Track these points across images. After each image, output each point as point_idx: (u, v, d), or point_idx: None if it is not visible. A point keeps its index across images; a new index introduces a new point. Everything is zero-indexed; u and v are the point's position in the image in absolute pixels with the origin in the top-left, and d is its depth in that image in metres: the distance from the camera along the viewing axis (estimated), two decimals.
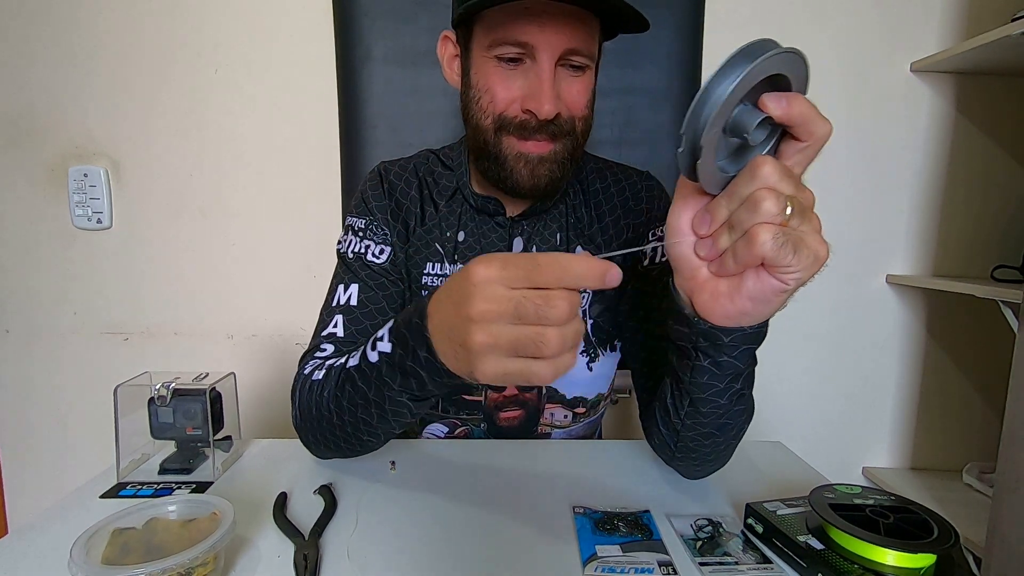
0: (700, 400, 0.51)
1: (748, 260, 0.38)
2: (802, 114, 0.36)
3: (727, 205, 0.39)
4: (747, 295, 0.40)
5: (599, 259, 0.36)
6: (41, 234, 1.33)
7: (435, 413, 0.76)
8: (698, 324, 0.45)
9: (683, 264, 0.43)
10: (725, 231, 0.39)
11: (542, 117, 0.60)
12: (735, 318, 0.42)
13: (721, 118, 0.35)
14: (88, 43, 1.27)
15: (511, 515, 0.56)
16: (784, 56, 0.34)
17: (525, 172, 0.64)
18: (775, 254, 0.36)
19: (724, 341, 0.45)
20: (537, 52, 0.59)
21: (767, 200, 0.36)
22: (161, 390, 0.61)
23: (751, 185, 0.37)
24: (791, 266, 0.37)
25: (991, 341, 1.35)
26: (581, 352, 0.74)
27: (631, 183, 0.76)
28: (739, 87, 0.33)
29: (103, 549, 0.43)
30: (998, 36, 1.04)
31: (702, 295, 0.43)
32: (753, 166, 0.37)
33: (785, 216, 0.36)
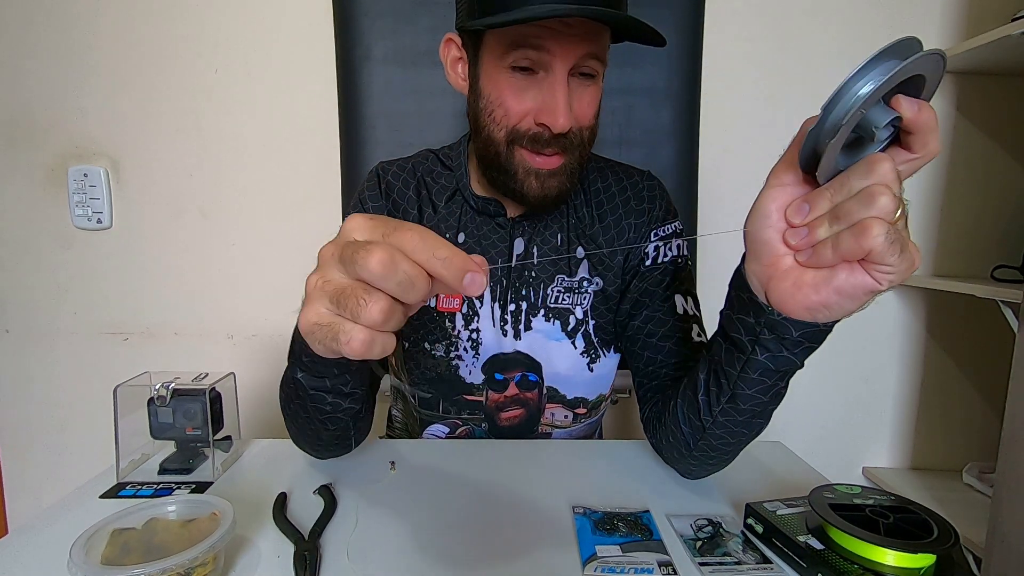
0: (743, 396, 0.50)
1: (853, 251, 0.37)
2: (928, 123, 0.36)
3: (831, 197, 0.38)
4: (835, 288, 0.39)
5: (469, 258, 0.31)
6: (41, 234, 1.33)
7: (436, 414, 0.76)
8: (769, 314, 0.44)
9: (765, 250, 0.42)
10: (824, 222, 0.39)
11: (556, 131, 0.60)
12: (814, 311, 0.41)
13: (861, 112, 0.34)
14: (88, 43, 1.27)
15: (511, 515, 0.56)
16: (930, 58, 0.34)
17: (536, 185, 0.64)
18: (884, 249, 0.35)
19: (792, 335, 0.44)
20: (552, 63, 0.59)
21: (885, 196, 0.35)
22: (161, 390, 0.61)
23: (867, 180, 0.36)
24: (892, 266, 0.36)
25: (991, 341, 1.35)
26: (581, 353, 0.74)
27: (632, 182, 0.76)
28: (887, 83, 0.33)
29: (103, 549, 0.43)
30: (998, 36, 1.04)
31: (782, 283, 0.42)
32: (872, 161, 0.36)
33: (895, 218, 0.36)
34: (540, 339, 0.73)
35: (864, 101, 0.33)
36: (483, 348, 0.73)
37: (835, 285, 0.39)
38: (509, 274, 0.72)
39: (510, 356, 0.73)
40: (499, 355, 0.73)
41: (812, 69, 1.28)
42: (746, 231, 0.44)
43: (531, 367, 0.74)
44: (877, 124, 0.35)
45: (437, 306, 0.72)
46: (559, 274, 0.73)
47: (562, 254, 0.73)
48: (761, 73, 1.28)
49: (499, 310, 0.73)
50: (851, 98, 0.34)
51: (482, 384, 0.74)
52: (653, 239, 0.73)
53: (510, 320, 0.73)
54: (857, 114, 0.34)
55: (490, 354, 0.73)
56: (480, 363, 0.73)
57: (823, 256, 0.39)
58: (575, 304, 0.73)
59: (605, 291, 0.74)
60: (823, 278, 0.40)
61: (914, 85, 0.36)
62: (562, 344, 0.73)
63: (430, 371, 0.73)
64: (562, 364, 0.74)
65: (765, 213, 0.42)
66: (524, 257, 0.72)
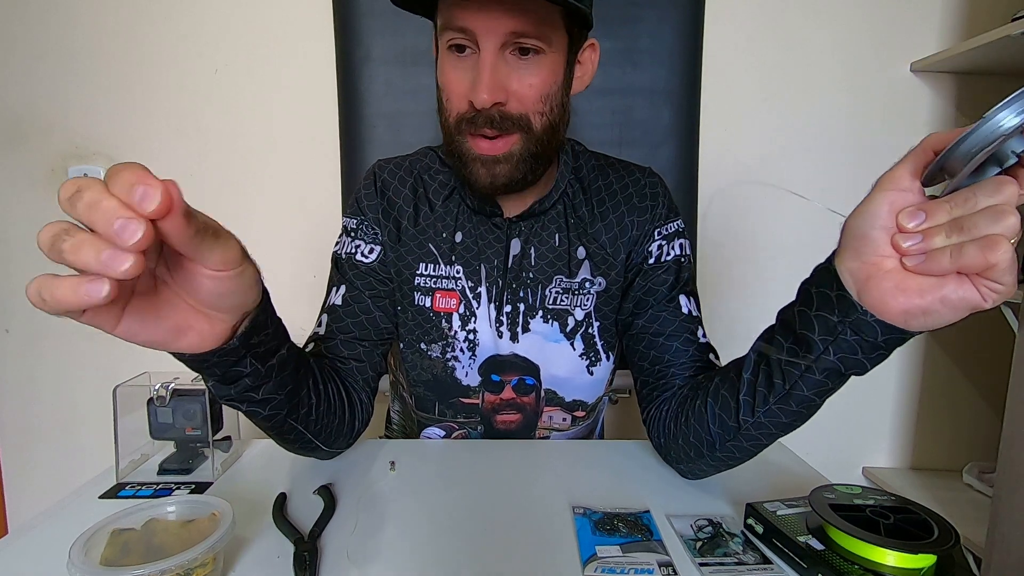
0: (798, 396, 0.49)
1: (976, 263, 0.37)
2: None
3: (951, 210, 0.39)
4: (941, 297, 0.39)
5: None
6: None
7: (432, 416, 0.75)
8: (860, 314, 0.43)
9: (868, 248, 0.42)
10: (942, 231, 0.39)
11: (478, 106, 0.59)
12: (912, 316, 0.41)
13: (1001, 143, 0.35)
14: (88, 43, 1.27)
15: (511, 515, 0.56)
16: None
17: (483, 172, 0.63)
18: (1005, 266, 0.36)
19: (875, 338, 0.43)
20: (479, 38, 0.58)
21: (1013, 216, 0.36)
22: (160, 390, 0.61)
23: (995, 198, 0.37)
24: (1004, 285, 0.37)
25: (991, 341, 1.35)
26: (580, 355, 0.74)
27: (634, 179, 0.75)
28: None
29: (102, 550, 0.43)
30: (998, 36, 1.04)
31: (883, 283, 0.42)
32: (1002, 182, 0.37)
33: (1016, 239, 0.36)
34: (538, 341, 0.72)
35: (1010, 131, 0.35)
36: (480, 349, 0.72)
37: (942, 294, 0.39)
38: (505, 275, 0.71)
39: (507, 358, 0.73)
40: (496, 357, 0.73)
41: (812, 69, 1.28)
42: (846, 224, 0.44)
43: (528, 370, 0.73)
44: (1013, 151, 0.37)
45: (433, 306, 0.71)
46: (557, 275, 0.72)
47: (561, 254, 0.72)
48: (761, 73, 1.28)
49: (495, 311, 0.72)
50: (995, 127, 0.35)
51: (478, 386, 0.73)
52: (656, 237, 0.73)
53: (506, 322, 0.72)
54: (1001, 142, 0.35)
55: (487, 355, 0.73)
56: (477, 364, 0.73)
57: (939, 263, 0.39)
58: (574, 305, 0.73)
59: (608, 291, 0.73)
60: (931, 285, 0.40)
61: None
62: (561, 346, 0.73)
63: (426, 372, 0.73)
64: (561, 366, 0.73)
65: (876, 212, 0.42)
66: (520, 258, 0.71)
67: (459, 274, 0.71)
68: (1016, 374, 0.92)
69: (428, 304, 0.71)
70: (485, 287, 0.71)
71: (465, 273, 0.71)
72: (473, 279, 0.71)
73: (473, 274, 0.71)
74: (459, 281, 0.71)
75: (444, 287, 0.71)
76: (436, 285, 0.71)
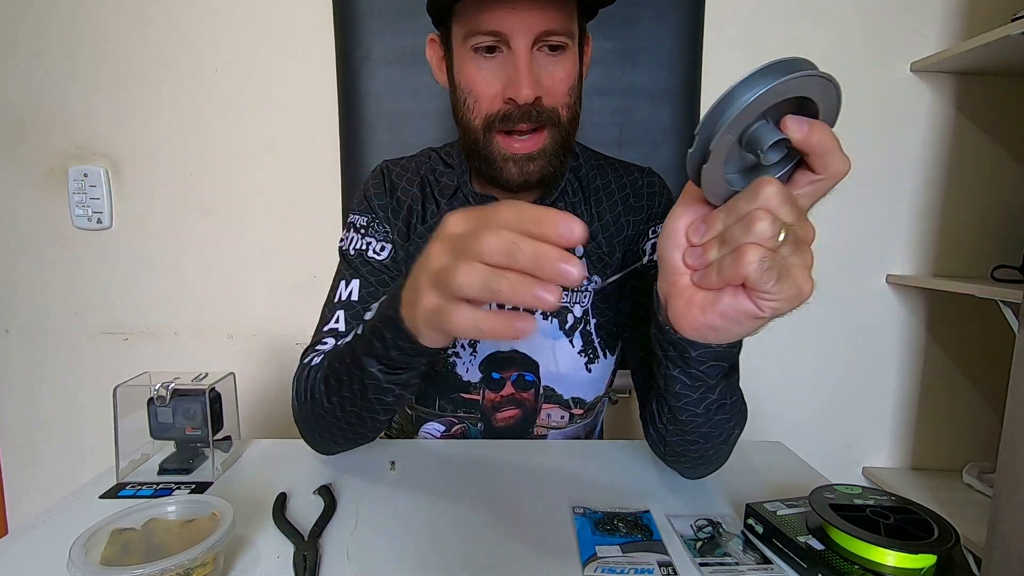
0: (677, 408, 0.51)
1: (731, 277, 0.37)
2: (822, 143, 0.35)
3: (724, 219, 0.38)
4: (719, 311, 0.39)
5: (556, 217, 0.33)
6: (41, 234, 1.33)
7: (432, 411, 0.76)
8: (668, 333, 0.45)
9: (668, 267, 0.43)
10: (716, 244, 0.39)
11: (521, 102, 0.60)
12: (702, 332, 0.42)
13: (737, 126, 0.34)
14: (88, 43, 1.27)
15: (511, 515, 0.56)
16: (815, 80, 0.33)
17: (515, 171, 0.65)
18: (758, 276, 0.35)
19: (691, 355, 0.45)
20: (511, 38, 0.59)
21: (763, 222, 0.35)
22: (161, 390, 0.61)
23: (751, 204, 0.36)
24: (770, 293, 0.36)
25: (991, 341, 1.35)
26: (579, 352, 0.74)
27: (632, 179, 0.76)
28: (761, 98, 0.32)
29: (102, 549, 0.43)
30: (998, 36, 1.04)
31: (677, 301, 0.42)
32: (756, 185, 0.36)
33: (777, 242, 0.35)
34: (538, 337, 0.73)
35: (738, 114, 0.32)
36: (481, 346, 0.73)
37: (719, 308, 0.39)
38: None
39: (507, 355, 0.73)
40: (496, 353, 0.73)
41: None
42: (657, 245, 0.44)
43: (528, 366, 0.74)
44: (762, 145, 0.34)
45: None
46: None
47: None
48: None
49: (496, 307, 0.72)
50: (722, 115, 0.33)
51: (479, 382, 0.74)
52: (651, 236, 0.73)
53: None
54: (733, 128, 0.33)
55: (487, 352, 0.73)
56: (478, 361, 0.73)
57: (709, 279, 0.39)
58: (573, 302, 0.73)
59: (604, 289, 0.74)
60: (710, 300, 0.40)
61: (808, 110, 0.35)
62: (560, 343, 0.73)
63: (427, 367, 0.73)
64: (560, 363, 0.74)
65: (672, 231, 0.42)
66: None
67: None
68: (1016, 374, 0.92)
69: None
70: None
71: None
72: None
73: None
74: None
75: None
76: None
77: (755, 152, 0.35)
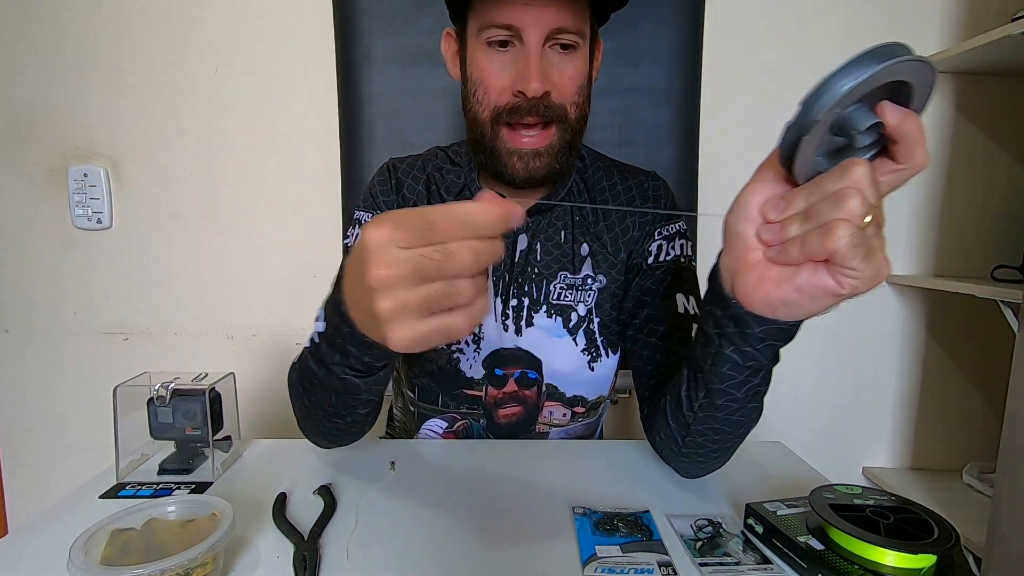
0: (717, 391, 0.50)
1: (817, 251, 0.37)
2: (913, 133, 0.35)
3: (807, 197, 0.38)
4: (796, 286, 0.39)
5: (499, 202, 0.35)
6: (41, 234, 1.33)
7: (435, 408, 0.76)
8: (734, 307, 0.44)
9: (738, 242, 0.43)
10: (797, 220, 0.39)
11: (530, 95, 0.61)
12: (774, 307, 0.42)
13: (836, 110, 0.34)
14: (88, 43, 1.27)
15: (511, 515, 0.56)
16: (915, 64, 0.33)
17: (520, 166, 0.65)
18: (846, 251, 0.35)
19: (753, 331, 0.44)
20: (524, 32, 0.60)
21: (854, 199, 0.35)
22: (160, 390, 0.61)
23: (840, 182, 0.36)
24: (855, 270, 0.36)
25: (991, 341, 1.35)
26: (582, 350, 0.74)
27: (638, 182, 0.77)
28: (864, 83, 0.33)
29: (102, 549, 0.43)
30: (998, 36, 1.04)
31: (748, 276, 0.42)
32: (848, 165, 0.36)
33: (864, 222, 0.36)
34: (541, 335, 0.73)
35: (841, 99, 0.33)
36: (485, 343, 0.73)
37: (797, 283, 0.39)
38: (512, 269, 0.73)
39: (510, 352, 0.74)
40: (500, 350, 0.74)
41: (812, 69, 1.26)
42: (725, 221, 0.44)
43: (531, 364, 0.74)
44: (858, 127, 0.35)
45: None
46: (562, 271, 0.74)
47: (565, 251, 0.74)
48: (761, 73, 1.28)
49: (501, 304, 0.73)
50: (829, 95, 0.34)
51: (482, 379, 0.74)
52: (657, 237, 0.74)
53: (512, 315, 0.73)
54: (833, 111, 0.34)
55: (491, 349, 0.73)
56: (481, 357, 0.74)
57: (790, 253, 0.39)
58: (577, 301, 0.74)
59: (609, 288, 0.74)
60: (786, 275, 0.40)
61: (903, 95, 0.35)
62: (563, 341, 0.74)
63: (431, 363, 0.74)
64: (562, 361, 0.74)
65: (744, 207, 0.42)
66: (528, 253, 0.73)
67: None
68: (1016, 374, 0.92)
69: None
70: (492, 281, 0.73)
71: None
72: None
73: None
74: None
75: None
76: None
77: (848, 135, 0.36)
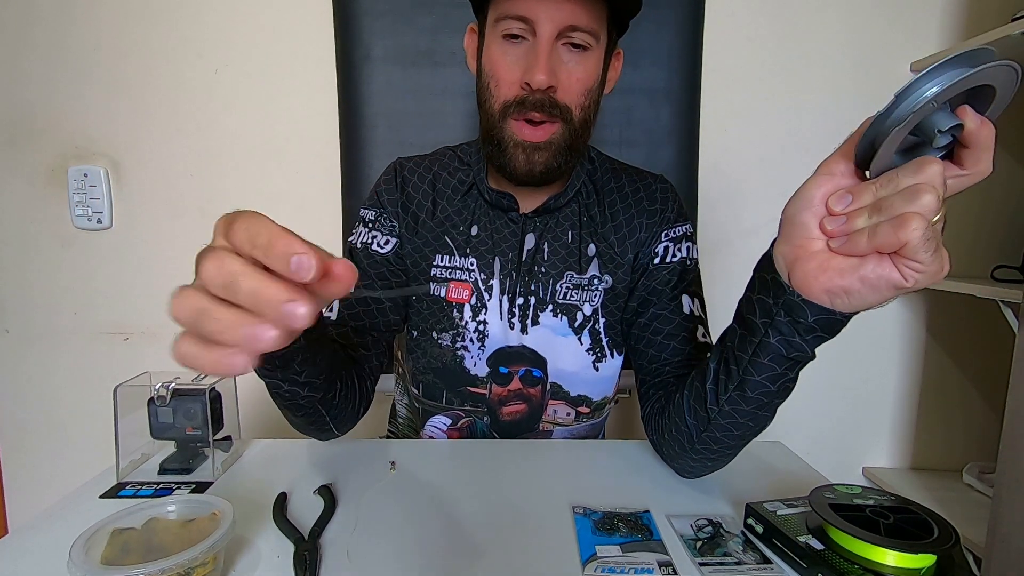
0: (751, 383, 0.50)
1: (888, 242, 0.37)
2: (987, 139, 0.36)
3: (876, 191, 0.39)
4: (861, 276, 0.40)
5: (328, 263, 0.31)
6: (41, 234, 1.33)
7: (439, 405, 0.76)
8: (789, 294, 0.44)
9: (798, 232, 0.43)
10: (864, 213, 0.39)
11: (535, 86, 0.62)
12: (834, 295, 0.42)
13: (930, 107, 0.35)
14: (88, 43, 1.27)
15: (511, 515, 0.56)
16: (1002, 68, 0.34)
17: (522, 158, 0.66)
18: (918, 243, 0.36)
19: (806, 320, 0.44)
20: (537, 26, 0.61)
21: (929, 195, 0.36)
22: (161, 390, 0.61)
23: (915, 178, 0.37)
24: (922, 263, 0.37)
25: (991, 341, 1.35)
26: (587, 350, 0.74)
27: (645, 184, 0.77)
28: (958, 85, 0.34)
29: (103, 549, 0.43)
30: (998, 36, 1.04)
31: (808, 264, 0.42)
32: (923, 162, 0.37)
33: (935, 219, 0.37)
34: (547, 334, 0.74)
35: (929, 101, 0.34)
36: (489, 340, 0.73)
37: (861, 273, 0.40)
38: (519, 268, 0.73)
39: (515, 350, 0.74)
40: (505, 348, 0.74)
41: (812, 69, 1.27)
42: (785, 211, 0.44)
43: (536, 362, 0.74)
44: (939, 128, 0.36)
45: (447, 296, 0.73)
46: (568, 271, 0.74)
47: (572, 250, 0.74)
48: (761, 73, 1.28)
49: (507, 303, 0.73)
50: (917, 96, 0.34)
51: (486, 377, 0.74)
52: (663, 239, 0.74)
53: (518, 314, 0.74)
54: (920, 113, 0.35)
55: (496, 347, 0.74)
56: (486, 355, 0.74)
57: (857, 244, 0.39)
58: (583, 301, 0.74)
59: (615, 289, 0.75)
60: (851, 265, 0.40)
61: (983, 97, 0.36)
62: (568, 340, 0.74)
63: (435, 360, 0.74)
64: (567, 361, 0.74)
65: (808, 198, 0.42)
66: (535, 252, 0.74)
67: (472, 266, 0.74)
68: (1016, 374, 0.92)
69: (442, 293, 0.73)
70: (499, 279, 0.73)
71: (479, 266, 0.74)
72: (486, 272, 0.74)
73: (486, 267, 0.74)
74: (472, 273, 0.74)
75: (458, 278, 0.74)
76: (451, 276, 0.74)
77: (927, 134, 0.37)
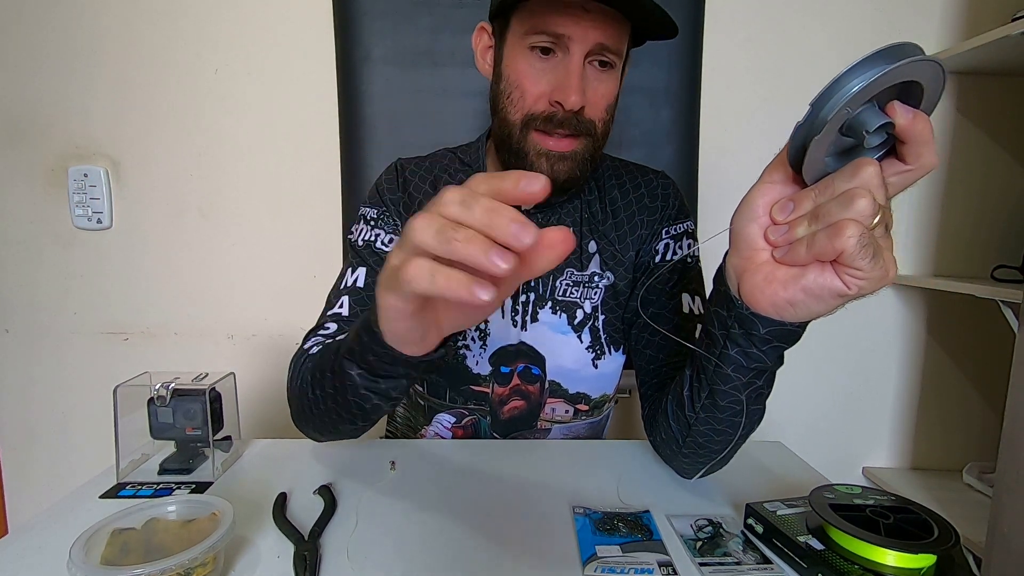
0: (720, 392, 0.50)
1: (825, 251, 0.37)
2: (922, 133, 0.35)
3: (815, 197, 0.39)
4: (803, 286, 0.40)
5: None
6: (41, 234, 1.33)
7: (443, 403, 0.76)
8: (739, 308, 0.44)
9: (744, 243, 0.43)
10: (804, 221, 0.39)
11: (568, 107, 0.62)
12: (780, 308, 0.42)
13: (847, 110, 0.34)
14: (88, 43, 1.27)
15: (511, 515, 0.56)
16: (926, 64, 0.33)
17: (545, 167, 0.66)
18: (854, 251, 0.35)
19: (759, 332, 0.44)
20: (570, 43, 0.61)
21: (863, 199, 0.35)
22: (161, 390, 0.61)
23: (850, 182, 0.36)
24: (862, 271, 0.36)
25: (991, 341, 1.35)
26: (587, 348, 0.74)
27: (647, 180, 0.78)
28: (875, 84, 0.33)
29: (102, 549, 0.43)
30: (998, 36, 1.04)
31: (754, 277, 0.42)
32: (858, 165, 0.36)
33: (872, 222, 0.36)
34: (546, 331, 0.74)
35: (852, 98, 0.33)
36: (491, 339, 0.74)
37: (803, 284, 0.40)
38: None
39: (515, 347, 0.74)
40: (505, 347, 0.74)
41: (812, 69, 1.28)
42: (732, 222, 0.44)
43: (534, 359, 0.74)
44: (868, 127, 0.35)
45: None
46: (569, 267, 0.74)
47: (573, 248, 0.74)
48: (761, 73, 1.28)
49: (510, 300, 0.73)
50: (839, 95, 0.34)
51: (488, 375, 0.74)
52: (664, 236, 0.75)
53: (520, 310, 0.74)
54: (844, 111, 0.34)
55: (497, 346, 0.74)
56: (487, 354, 0.74)
57: (797, 254, 0.39)
58: (583, 298, 0.74)
59: (616, 286, 0.75)
60: (793, 276, 0.40)
61: (913, 95, 0.35)
62: (568, 338, 0.74)
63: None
64: (566, 358, 0.74)
65: (751, 208, 0.42)
66: None
67: None
68: (1016, 374, 0.92)
69: None
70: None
71: None
72: None
73: None
74: None
75: None
76: None
77: (858, 135, 0.36)
